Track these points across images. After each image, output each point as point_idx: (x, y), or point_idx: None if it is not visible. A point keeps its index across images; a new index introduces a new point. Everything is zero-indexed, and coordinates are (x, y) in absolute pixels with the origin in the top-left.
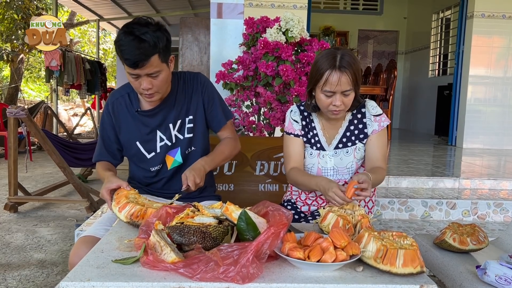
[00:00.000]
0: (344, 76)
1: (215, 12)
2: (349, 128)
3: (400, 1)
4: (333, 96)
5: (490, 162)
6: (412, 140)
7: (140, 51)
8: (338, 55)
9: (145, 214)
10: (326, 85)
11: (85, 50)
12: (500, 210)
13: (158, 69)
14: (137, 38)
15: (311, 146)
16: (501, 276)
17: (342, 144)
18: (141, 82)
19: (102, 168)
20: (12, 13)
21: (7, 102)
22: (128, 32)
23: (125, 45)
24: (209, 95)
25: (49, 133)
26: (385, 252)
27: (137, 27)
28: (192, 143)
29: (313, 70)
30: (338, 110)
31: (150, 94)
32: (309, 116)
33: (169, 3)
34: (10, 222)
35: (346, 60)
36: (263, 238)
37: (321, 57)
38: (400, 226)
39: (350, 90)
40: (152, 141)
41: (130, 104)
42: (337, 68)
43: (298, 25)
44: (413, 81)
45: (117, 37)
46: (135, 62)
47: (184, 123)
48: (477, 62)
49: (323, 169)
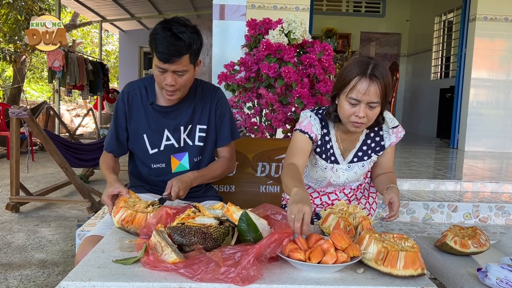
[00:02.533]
0: (373, 85)
1: (218, 14)
2: (365, 142)
3: (403, 4)
4: (357, 106)
5: (492, 165)
6: (414, 143)
7: (175, 47)
8: (371, 64)
9: (134, 220)
10: (353, 92)
11: (87, 51)
12: (502, 213)
13: (186, 68)
14: (174, 35)
15: (326, 159)
16: (502, 279)
17: (357, 158)
18: (166, 77)
19: (107, 166)
20: (16, 14)
21: (10, 103)
22: (167, 28)
23: (162, 39)
24: (222, 111)
25: (51, 134)
26: (386, 254)
27: (176, 25)
28: (202, 152)
29: (341, 75)
30: (360, 122)
31: (172, 91)
32: (326, 127)
33: (172, 5)
34: (12, 222)
35: (379, 70)
36: (266, 242)
37: (352, 62)
38: (401, 229)
39: (377, 103)
40: (158, 137)
41: (146, 96)
42: (368, 76)
43: (301, 27)
44: (415, 84)
45: (154, 30)
46: (168, 57)
47: (194, 130)
48: (480, 65)
49: (335, 183)
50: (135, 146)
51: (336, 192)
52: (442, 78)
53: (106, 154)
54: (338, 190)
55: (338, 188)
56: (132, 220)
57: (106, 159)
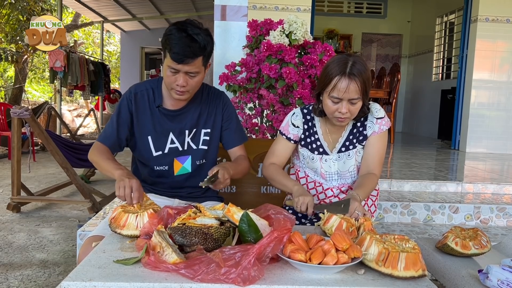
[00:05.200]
0: (353, 83)
1: (219, 15)
2: (352, 132)
3: (404, 5)
4: (339, 103)
5: (493, 166)
6: (415, 144)
7: (190, 49)
8: (350, 62)
9: (119, 218)
10: (334, 91)
11: (89, 52)
12: (503, 214)
13: (198, 70)
14: (189, 37)
15: (312, 151)
16: (503, 281)
17: (345, 147)
18: (178, 78)
19: (108, 157)
20: (17, 14)
21: (11, 103)
22: (182, 29)
23: (177, 40)
24: (229, 114)
25: (52, 134)
26: (387, 255)
27: (191, 27)
28: (205, 156)
29: (323, 74)
30: (343, 117)
31: (182, 91)
32: (311, 121)
33: (173, 5)
34: (13, 222)
35: (357, 67)
36: (266, 242)
37: (332, 62)
38: (402, 230)
39: (357, 98)
40: (163, 140)
41: (153, 99)
42: (347, 75)
43: (302, 28)
44: (417, 85)
45: (168, 31)
46: (183, 58)
47: (199, 134)
48: (481, 66)
49: (327, 173)
50: (138, 149)
51: (333, 189)
52: (443, 80)
53: (102, 147)
54: (336, 188)
55: (335, 187)
56: (117, 220)
57: (105, 152)
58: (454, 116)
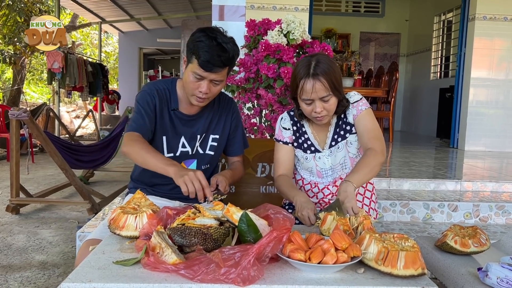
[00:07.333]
0: (318, 83)
1: (217, 15)
2: (338, 124)
3: (402, 4)
4: (312, 103)
5: (492, 164)
6: (414, 142)
7: (221, 58)
8: (313, 63)
9: (118, 219)
10: (303, 93)
11: (87, 53)
12: (502, 212)
13: (222, 79)
14: (219, 45)
15: (305, 151)
16: (503, 279)
17: (335, 141)
18: (202, 85)
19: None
20: (15, 15)
21: (10, 104)
22: (212, 37)
23: (207, 48)
24: (237, 122)
25: (51, 135)
26: (386, 254)
27: (219, 35)
28: (210, 161)
29: (291, 79)
30: (321, 116)
31: (203, 98)
32: (299, 122)
33: (171, 6)
34: (12, 224)
35: (320, 67)
36: (265, 241)
37: (297, 65)
38: (401, 229)
39: (328, 95)
40: (175, 143)
41: (169, 100)
42: (311, 76)
43: (300, 27)
44: (415, 84)
45: (196, 37)
46: (212, 66)
47: (207, 139)
48: (479, 64)
49: (322, 170)
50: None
51: (329, 187)
52: (441, 78)
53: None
54: (331, 185)
55: (330, 183)
56: (116, 221)
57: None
58: (453, 115)
